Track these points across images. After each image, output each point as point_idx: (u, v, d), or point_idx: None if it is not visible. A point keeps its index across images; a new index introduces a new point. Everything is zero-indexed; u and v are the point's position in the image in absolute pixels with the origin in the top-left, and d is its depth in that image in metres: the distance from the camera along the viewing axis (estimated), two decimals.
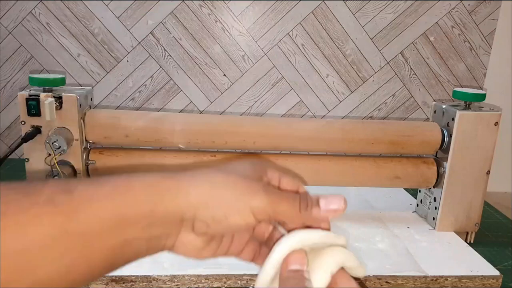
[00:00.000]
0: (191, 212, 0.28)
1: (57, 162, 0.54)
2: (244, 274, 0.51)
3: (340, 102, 0.95)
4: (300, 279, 0.28)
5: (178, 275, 0.50)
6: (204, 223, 0.28)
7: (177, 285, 0.50)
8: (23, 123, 0.54)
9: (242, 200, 0.28)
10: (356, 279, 0.29)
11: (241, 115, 0.94)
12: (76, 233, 0.24)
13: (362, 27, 0.91)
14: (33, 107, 0.53)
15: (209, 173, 0.30)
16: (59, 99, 0.54)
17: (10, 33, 0.86)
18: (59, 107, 0.54)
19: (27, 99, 0.53)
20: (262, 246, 0.33)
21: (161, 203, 0.27)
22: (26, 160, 0.56)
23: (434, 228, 0.65)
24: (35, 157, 0.55)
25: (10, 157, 0.52)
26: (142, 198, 0.27)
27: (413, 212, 0.71)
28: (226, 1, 0.88)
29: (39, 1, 0.85)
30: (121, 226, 0.26)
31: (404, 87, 0.95)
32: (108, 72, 0.90)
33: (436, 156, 0.66)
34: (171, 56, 0.90)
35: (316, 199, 0.30)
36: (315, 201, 0.30)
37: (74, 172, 0.57)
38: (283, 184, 0.32)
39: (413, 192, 0.76)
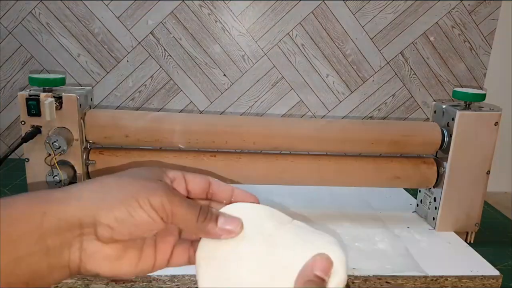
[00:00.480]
0: (89, 216, 0.26)
1: (57, 162, 0.54)
2: None
3: (340, 102, 0.95)
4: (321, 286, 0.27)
5: (178, 275, 0.50)
6: (106, 226, 0.27)
7: (177, 285, 0.50)
8: (23, 123, 0.54)
9: (140, 196, 0.27)
10: None
11: (241, 115, 0.94)
12: None
13: (362, 27, 0.91)
14: (33, 107, 0.53)
15: (99, 179, 0.29)
16: (59, 99, 0.54)
17: (10, 33, 0.86)
18: (59, 107, 0.54)
19: (27, 99, 0.53)
20: (194, 243, 0.32)
21: (50, 212, 0.26)
22: (26, 160, 0.56)
23: (434, 228, 0.65)
24: (35, 157, 0.55)
25: (10, 157, 0.52)
26: (27, 211, 0.25)
27: (413, 212, 0.71)
28: (226, 1, 0.88)
29: (39, 1, 0.85)
30: (7, 244, 0.24)
31: (404, 87, 0.95)
32: (108, 72, 0.90)
33: (436, 156, 0.66)
34: (171, 56, 0.90)
35: (216, 214, 0.30)
36: (215, 216, 0.30)
37: (74, 172, 0.57)
38: (190, 182, 0.32)
39: (413, 192, 0.76)
